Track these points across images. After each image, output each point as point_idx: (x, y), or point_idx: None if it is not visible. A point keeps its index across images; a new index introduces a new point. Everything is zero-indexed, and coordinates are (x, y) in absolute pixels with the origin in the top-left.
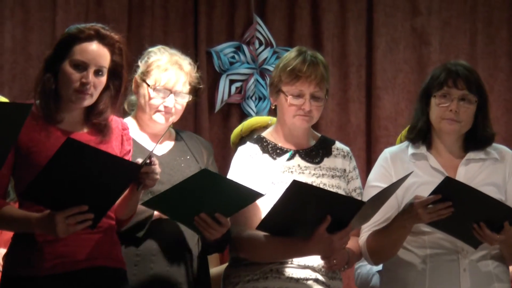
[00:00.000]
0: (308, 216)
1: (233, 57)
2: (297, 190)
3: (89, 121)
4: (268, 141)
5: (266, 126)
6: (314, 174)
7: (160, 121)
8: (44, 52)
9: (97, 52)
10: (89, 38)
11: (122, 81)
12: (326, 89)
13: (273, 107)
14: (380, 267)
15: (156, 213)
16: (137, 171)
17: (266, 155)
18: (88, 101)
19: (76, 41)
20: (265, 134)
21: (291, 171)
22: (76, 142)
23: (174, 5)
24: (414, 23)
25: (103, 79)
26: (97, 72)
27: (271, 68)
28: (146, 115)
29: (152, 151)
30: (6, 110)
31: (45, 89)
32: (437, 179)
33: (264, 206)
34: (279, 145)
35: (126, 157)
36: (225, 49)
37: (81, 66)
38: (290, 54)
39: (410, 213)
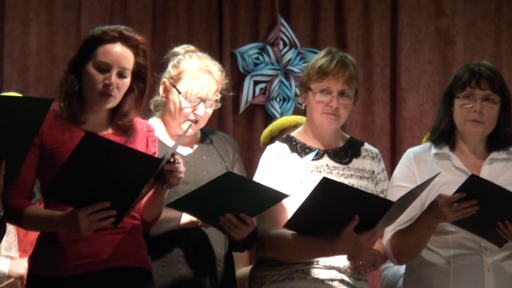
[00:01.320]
0: (336, 215)
1: (257, 58)
2: (326, 187)
3: (114, 122)
4: (297, 141)
5: (296, 125)
6: (342, 174)
7: (189, 130)
8: (69, 53)
9: (120, 53)
10: (113, 40)
11: (146, 83)
12: (356, 90)
13: (303, 107)
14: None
15: (183, 221)
16: (157, 164)
17: (295, 155)
18: (111, 103)
19: (99, 43)
20: (294, 133)
21: (319, 171)
22: (95, 136)
23: (198, 6)
24: (438, 24)
25: (127, 80)
26: (120, 74)
27: (295, 69)
28: (175, 122)
29: (173, 147)
30: (27, 105)
31: (69, 91)
32: (460, 179)
33: (291, 205)
34: (308, 144)
35: None
36: (250, 50)
37: (104, 68)
38: (320, 54)
39: (435, 212)
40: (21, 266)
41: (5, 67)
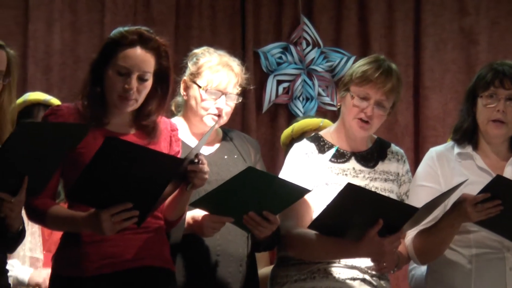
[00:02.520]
0: (360, 218)
1: (280, 58)
2: (350, 193)
3: (137, 122)
4: (325, 141)
5: (317, 128)
6: (368, 177)
7: (210, 123)
8: (92, 54)
9: (140, 57)
10: (132, 44)
11: (169, 84)
12: (394, 102)
13: (338, 106)
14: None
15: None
16: (179, 164)
17: (322, 155)
18: (132, 107)
19: (119, 46)
20: (323, 133)
21: (345, 174)
22: (115, 140)
23: (221, 6)
24: (462, 23)
25: (147, 83)
26: (141, 77)
27: (318, 69)
28: (196, 117)
29: (196, 147)
30: (64, 130)
31: (91, 93)
32: (483, 179)
33: (316, 206)
34: (336, 145)
35: None
36: (273, 49)
37: (124, 72)
38: (368, 59)
39: (459, 212)
40: (40, 276)
41: (29, 68)
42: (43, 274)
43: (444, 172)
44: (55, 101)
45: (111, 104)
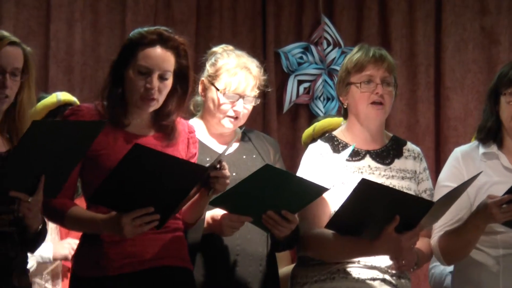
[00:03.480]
0: (377, 215)
1: (301, 58)
2: (365, 188)
3: (157, 123)
4: (339, 140)
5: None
6: (384, 175)
7: (228, 126)
8: (114, 54)
9: (161, 56)
10: (152, 43)
11: (189, 83)
12: (395, 78)
13: (345, 106)
14: (453, 267)
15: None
16: (203, 173)
17: (336, 154)
18: (154, 107)
19: (139, 46)
20: (336, 133)
21: (361, 172)
22: (144, 148)
23: (242, 6)
24: (483, 22)
25: (168, 82)
26: (162, 77)
27: (339, 69)
28: (214, 119)
29: (222, 154)
30: (79, 128)
31: (112, 94)
32: (509, 179)
33: (332, 205)
34: (350, 144)
35: (192, 160)
36: (293, 49)
37: (145, 72)
38: (353, 51)
39: (484, 213)
40: (63, 247)
41: (51, 68)
42: (65, 244)
43: (470, 172)
44: (75, 101)
45: (132, 104)
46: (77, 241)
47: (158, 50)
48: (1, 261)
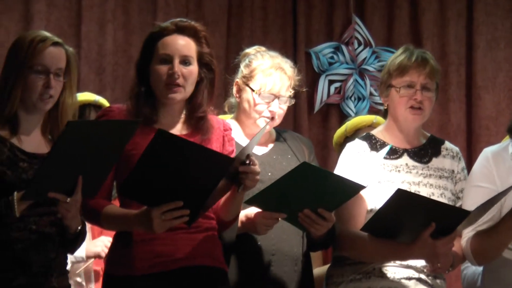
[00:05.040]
0: (412, 222)
1: (332, 58)
2: (401, 198)
3: (189, 119)
4: (377, 139)
5: (370, 125)
6: (421, 174)
7: (265, 128)
8: None
9: (180, 42)
10: (170, 32)
11: (214, 72)
12: (437, 84)
13: (385, 107)
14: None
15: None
16: (229, 163)
17: (374, 153)
18: (181, 94)
19: (158, 38)
20: (374, 131)
21: (398, 170)
22: (167, 133)
23: (273, 6)
24: None
25: (192, 68)
26: (184, 62)
27: (370, 68)
28: (250, 120)
29: (246, 147)
30: (115, 127)
31: (139, 93)
32: None
33: (369, 204)
34: (388, 143)
35: None
36: (324, 49)
37: (166, 59)
38: (398, 52)
39: None
40: (95, 244)
41: (82, 69)
42: (99, 242)
43: (500, 172)
44: (104, 101)
45: (160, 96)
46: (110, 239)
47: (176, 37)
48: (42, 262)
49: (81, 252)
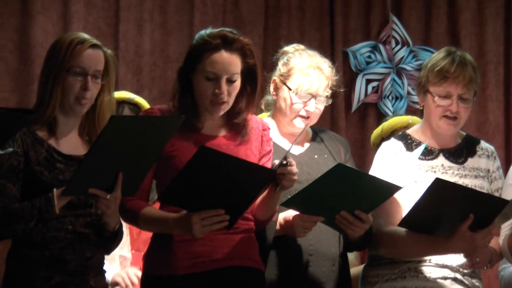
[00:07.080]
0: (450, 214)
1: (369, 57)
2: (440, 188)
3: (229, 123)
4: (413, 139)
5: (406, 126)
6: (457, 174)
7: (300, 125)
8: (183, 54)
9: (227, 60)
10: (217, 48)
11: (257, 81)
12: (475, 91)
13: (421, 107)
14: None
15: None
16: (272, 175)
17: (410, 152)
18: (224, 110)
19: (204, 52)
20: (410, 131)
21: (434, 171)
22: (209, 150)
23: (310, 5)
24: None
25: (237, 84)
26: (230, 80)
27: (407, 68)
28: (286, 118)
29: (288, 151)
30: (158, 123)
31: (182, 101)
32: None
33: (405, 204)
34: (424, 143)
35: (266, 158)
36: (362, 48)
37: (213, 77)
38: (439, 55)
39: None
40: (120, 275)
41: (120, 69)
42: (123, 274)
43: None
44: (139, 100)
45: (203, 108)
46: (139, 273)
47: (224, 55)
48: (78, 261)
49: (108, 275)
